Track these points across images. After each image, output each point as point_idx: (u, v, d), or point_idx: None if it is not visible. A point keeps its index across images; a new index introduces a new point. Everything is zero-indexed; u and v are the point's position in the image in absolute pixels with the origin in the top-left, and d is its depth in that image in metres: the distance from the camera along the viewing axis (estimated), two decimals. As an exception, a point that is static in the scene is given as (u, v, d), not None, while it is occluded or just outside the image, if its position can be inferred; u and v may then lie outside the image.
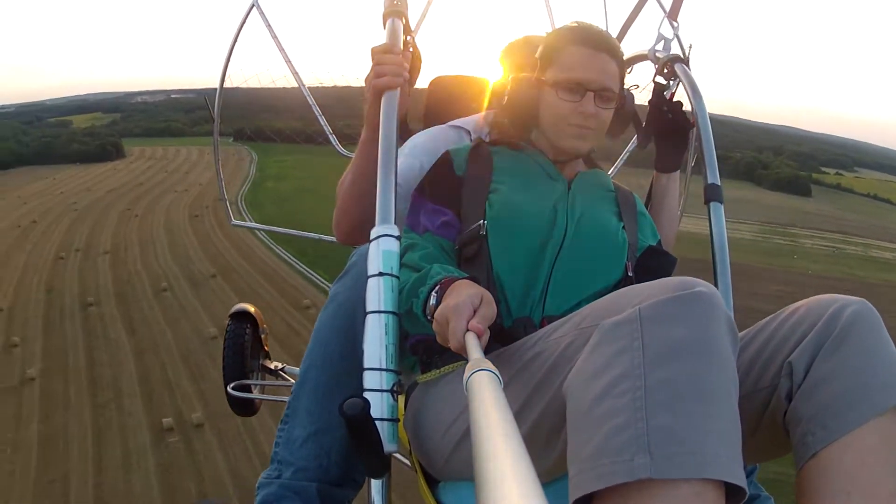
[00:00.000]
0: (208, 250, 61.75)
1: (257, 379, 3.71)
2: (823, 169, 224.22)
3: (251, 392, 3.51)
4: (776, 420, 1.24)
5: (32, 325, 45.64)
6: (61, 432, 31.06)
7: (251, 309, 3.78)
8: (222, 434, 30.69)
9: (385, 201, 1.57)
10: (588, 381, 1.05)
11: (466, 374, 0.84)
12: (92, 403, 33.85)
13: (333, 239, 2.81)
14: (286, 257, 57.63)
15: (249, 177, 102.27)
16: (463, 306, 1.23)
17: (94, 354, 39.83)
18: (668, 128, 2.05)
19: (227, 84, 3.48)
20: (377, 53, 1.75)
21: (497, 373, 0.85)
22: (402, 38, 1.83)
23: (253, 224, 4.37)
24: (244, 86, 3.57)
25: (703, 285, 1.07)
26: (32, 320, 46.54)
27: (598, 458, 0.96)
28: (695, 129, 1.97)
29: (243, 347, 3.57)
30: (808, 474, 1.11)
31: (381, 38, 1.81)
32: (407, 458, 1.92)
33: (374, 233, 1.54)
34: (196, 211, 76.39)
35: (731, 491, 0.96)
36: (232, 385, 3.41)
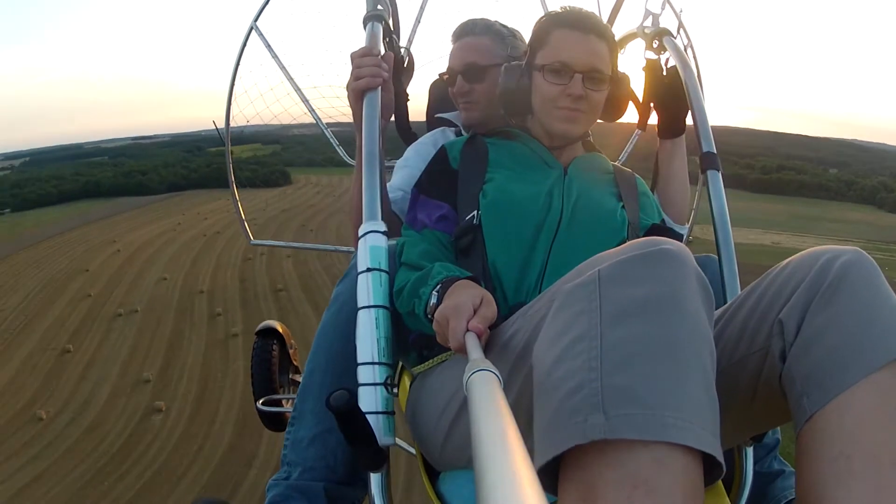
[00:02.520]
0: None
1: (287, 393, 3.61)
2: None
3: (282, 406, 3.42)
4: (772, 384, 1.11)
5: (231, 302, 52.47)
6: (262, 365, 38.73)
7: (278, 326, 3.71)
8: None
9: (371, 199, 1.55)
10: (548, 347, 0.99)
11: (466, 374, 0.81)
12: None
13: (348, 249, 3.02)
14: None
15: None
16: (463, 307, 1.19)
17: (286, 321, 46.65)
18: (667, 92, 1.96)
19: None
20: (356, 58, 1.76)
21: (497, 373, 0.81)
22: (381, 40, 1.82)
23: (272, 242, 4.39)
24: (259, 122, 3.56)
25: (669, 243, 0.98)
26: (231, 299, 53.49)
27: (554, 423, 0.90)
28: (688, 103, 1.86)
29: (271, 364, 3.53)
30: (806, 438, 1.00)
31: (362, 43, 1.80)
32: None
33: (361, 230, 1.51)
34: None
35: (709, 462, 0.86)
36: (262, 401, 3.36)
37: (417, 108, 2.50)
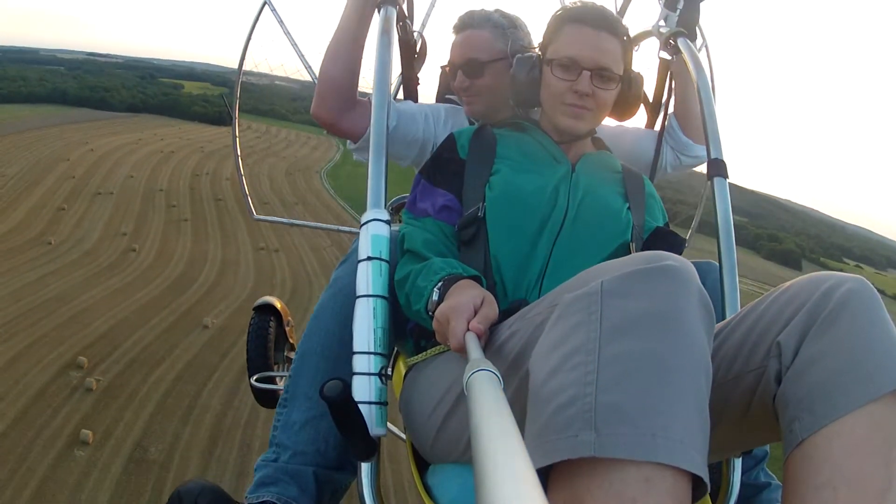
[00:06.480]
0: (295, 191, 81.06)
1: (283, 370, 3.57)
2: (846, 260, 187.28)
3: (276, 383, 3.39)
4: (766, 404, 1.06)
5: (183, 200, 47.03)
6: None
7: (276, 303, 3.66)
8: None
9: (376, 186, 1.49)
10: (545, 356, 0.95)
11: (467, 374, 0.79)
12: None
13: (352, 230, 3.09)
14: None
15: (333, 159, 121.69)
16: (464, 307, 1.15)
17: (222, 222, 57.45)
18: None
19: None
20: None
21: (497, 373, 0.79)
22: (395, 25, 1.77)
23: (275, 218, 4.44)
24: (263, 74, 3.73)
25: (673, 259, 0.94)
26: (183, 198, 52.00)
27: (544, 434, 0.87)
28: (699, 104, 1.81)
29: (267, 340, 3.51)
30: (794, 463, 0.96)
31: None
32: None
33: (363, 217, 1.44)
34: (290, 171, 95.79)
35: (697, 480, 0.83)
36: (255, 377, 3.33)
37: (428, 93, 2.41)
